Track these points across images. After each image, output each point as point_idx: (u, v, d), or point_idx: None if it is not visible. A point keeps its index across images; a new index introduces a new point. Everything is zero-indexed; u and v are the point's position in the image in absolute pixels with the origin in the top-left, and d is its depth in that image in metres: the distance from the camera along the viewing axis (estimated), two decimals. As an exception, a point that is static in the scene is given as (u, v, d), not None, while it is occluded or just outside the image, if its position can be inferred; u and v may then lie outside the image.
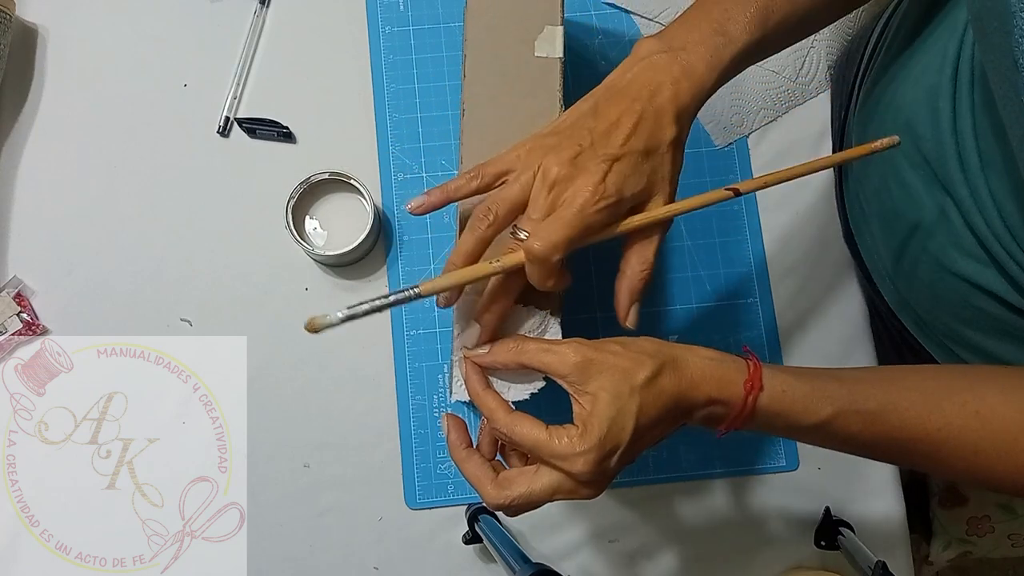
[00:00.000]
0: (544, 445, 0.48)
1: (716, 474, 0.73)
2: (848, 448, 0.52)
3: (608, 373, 0.47)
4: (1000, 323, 0.58)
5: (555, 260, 0.50)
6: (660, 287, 0.75)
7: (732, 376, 0.49)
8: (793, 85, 0.78)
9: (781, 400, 0.49)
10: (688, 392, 0.48)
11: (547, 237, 0.49)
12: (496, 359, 0.52)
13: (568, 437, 0.47)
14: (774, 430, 0.51)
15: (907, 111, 0.60)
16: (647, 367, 0.48)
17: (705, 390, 0.49)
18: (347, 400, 0.72)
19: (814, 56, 0.79)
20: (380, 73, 0.77)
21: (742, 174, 0.77)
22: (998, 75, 0.45)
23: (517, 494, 0.49)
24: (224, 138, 0.76)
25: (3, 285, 0.72)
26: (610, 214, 0.51)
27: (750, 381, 0.49)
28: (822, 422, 0.49)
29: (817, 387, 0.49)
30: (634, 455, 0.49)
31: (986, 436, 0.48)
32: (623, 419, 0.47)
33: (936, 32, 0.60)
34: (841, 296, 0.76)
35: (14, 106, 0.75)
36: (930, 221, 0.59)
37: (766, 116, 0.78)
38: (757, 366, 0.49)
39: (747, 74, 0.78)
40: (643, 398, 0.47)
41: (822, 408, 0.49)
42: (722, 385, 0.49)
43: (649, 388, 0.47)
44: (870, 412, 0.49)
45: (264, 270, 0.74)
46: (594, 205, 0.50)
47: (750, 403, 0.48)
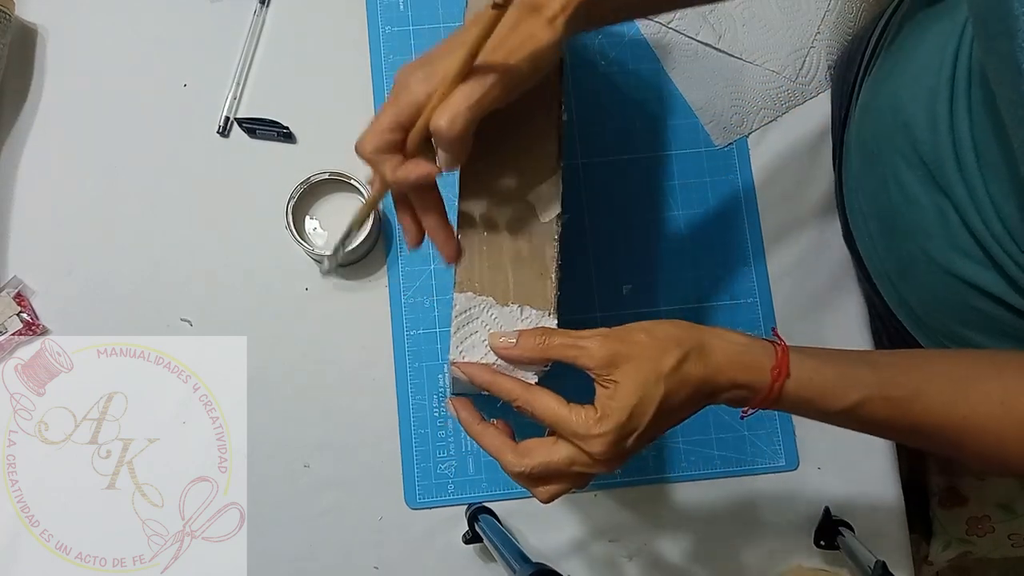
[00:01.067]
0: (564, 421, 0.48)
1: (716, 474, 0.73)
2: (873, 432, 0.52)
3: (635, 363, 0.48)
4: (999, 324, 0.58)
5: (462, 131, 0.47)
6: (660, 287, 0.75)
7: (760, 362, 0.49)
8: (793, 85, 0.78)
9: (808, 386, 0.49)
10: (714, 377, 0.49)
11: (448, 109, 0.47)
12: (524, 353, 0.52)
13: (587, 417, 0.48)
14: (800, 413, 0.51)
15: (905, 112, 0.60)
16: (673, 354, 0.48)
17: (731, 375, 0.49)
18: (347, 400, 0.72)
19: (814, 56, 0.79)
20: (380, 73, 0.77)
21: (742, 174, 0.77)
22: (1000, 78, 0.45)
23: (537, 462, 0.50)
24: (224, 138, 0.76)
25: (3, 285, 0.72)
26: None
27: (777, 367, 0.49)
28: (849, 408, 0.49)
29: (845, 373, 0.50)
30: (654, 436, 0.49)
31: (1011, 425, 0.48)
32: (645, 405, 0.48)
33: (934, 33, 0.60)
34: (840, 296, 0.76)
35: (14, 106, 0.75)
36: (928, 222, 0.59)
37: (766, 116, 0.78)
38: (785, 351, 0.49)
39: (747, 74, 0.78)
40: (668, 385, 0.48)
41: (849, 394, 0.49)
42: (749, 370, 0.49)
43: (675, 375, 0.48)
44: (897, 399, 0.49)
45: (264, 270, 0.74)
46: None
47: (776, 389, 0.49)
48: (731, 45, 0.78)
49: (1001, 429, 0.48)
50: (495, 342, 0.53)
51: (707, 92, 0.78)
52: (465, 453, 0.72)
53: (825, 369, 0.49)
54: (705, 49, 0.79)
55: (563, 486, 0.51)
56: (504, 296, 0.57)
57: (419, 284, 0.74)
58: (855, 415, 0.50)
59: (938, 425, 0.49)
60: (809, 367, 0.49)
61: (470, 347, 0.55)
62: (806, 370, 0.49)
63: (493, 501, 0.71)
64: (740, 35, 0.79)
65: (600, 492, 0.73)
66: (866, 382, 0.49)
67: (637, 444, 0.49)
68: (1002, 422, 0.48)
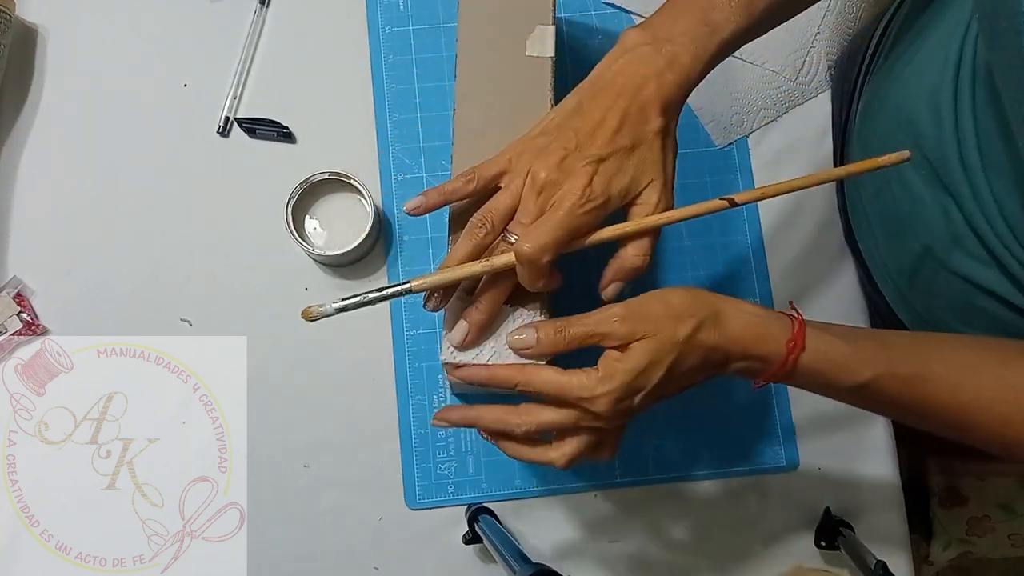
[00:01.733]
0: (566, 387, 0.50)
1: (716, 474, 0.73)
2: (880, 410, 0.53)
3: (651, 336, 0.49)
4: (1002, 323, 0.58)
5: (544, 261, 0.51)
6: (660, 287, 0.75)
7: (775, 333, 0.50)
8: (793, 85, 0.78)
9: (823, 360, 0.50)
10: (726, 346, 0.50)
11: (536, 239, 0.50)
12: (544, 350, 0.52)
13: (588, 378, 0.49)
14: (810, 387, 0.52)
15: (908, 111, 0.60)
16: (688, 323, 0.49)
17: (745, 345, 0.50)
18: (347, 400, 0.72)
19: (814, 56, 0.79)
20: (380, 73, 0.77)
21: (742, 174, 0.77)
22: (1005, 75, 0.45)
23: (542, 419, 0.51)
24: (224, 138, 0.76)
25: (3, 285, 0.72)
26: (597, 215, 0.51)
27: (793, 340, 0.49)
28: (860, 384, 0.50)
29: (859, 348, 0.50)
30: (660, 397, 0.50)
31: (1017, 410, 0.49)
32: (654, 367, 0.49)
33: (937, 32, 0.60)
34: (841, 295, 0.76)
35: (14, 106, 0.75)
36: (932, 221, 0.59)
37: (766, 116, 0.78)
38: (802, 325, 0.50)
39: (747, 74, 0.78)
40: (681, 350, 0.49)
41: (862, 371, 0.50)
42: (763, 341, 0.50)
43: (688, 342, 0.49)
44: (907, 376, 0.50)
45: (264, 270, 0.74)
46: (581, 207, 0.50)
47: (791, 362, 0.49)
48: (731, 45, 0.78)
49: (1007, 413, 0.49)
50: (513, 342, 0.53)
51: (707, 92, 0.78)
52: (465, 453, 0.72)
53: (839, 344, 0.50)
54: (705, 49, 0.79)
55: (576, 446, 0.52)
56: None
57: (419, 284, 0.74)
58: (865, 392, 0.50)
59: (945, 406, 0.50)
60: (824, 341, 0.50)
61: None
62: (821, 344, 0.50)
63: (493, 501, 0.71)
64: (740, 35, 0.79)
65: (600, 492, 0.73)
66: (878, 359, 0.50)
67: (643, 403, 0.50)
68: (1010, 407, 0.49)
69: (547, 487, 0.72)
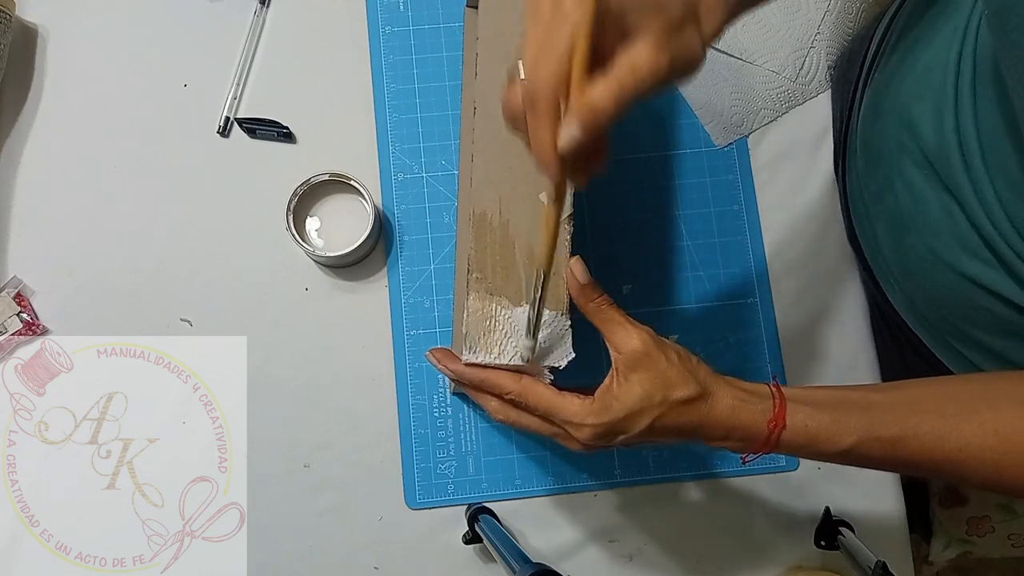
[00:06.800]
0: (557, 409, 0.52)
1: (716, 474, 0.73)
2: (871, 467, 0.54)
3: (653, 374, 0.51)
4: (1006, 323, 0.58)
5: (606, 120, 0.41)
6: (660, 287, 0.75)
7: (756, 417, 0.52)
8: (793, 85, 0.78)
9: (804, 434, 0.52)
10: (705, 426, 0.52)
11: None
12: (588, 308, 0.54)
13: (582, 406, 0.51)
14: (796, 455, 0.54)
15: (910, 111, 0.60)
16: (688, 389, 0.51)
17: (727, 427, 0.52)
18: (347, 400, 0.72)
19: (814, 56, 0.79)
20: (380, 73, 0.77)
21: (742, 174, 0.77)
22: (1015, 73, 0.45)
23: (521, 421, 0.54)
24: (224, 138, 0.76)
25: (3, 285, 0.72)
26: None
27: (774, 420, 0.51)
28: (844, 451, 0.51)
29: (838, 418, 0.51)
30: (634, 444, 0.53)
31: (1006, 453, 0.49)
32: (641, 416, 0.51)
33: (938, 32, 0.60)
34: (842, 295, 0.76)
35: (14, 106, 0.75)
36: (935, 221, 0.59)
37: (766, 116, 0.78)
38: (782, 403, 0.52)
39: (747, 74, 0.78)
40: (669, 411, 0.51)
41: (844, 439, 0.51)
42: (745, 425, 0.52)
43: (679, 407, 0.51)
44: (890, 439, 0.51)
45: (264, 270, 0.74)
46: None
47: (773, 440, 0.51)
48: (731, 45, 0.78)
49: (997, 459, 0.49)
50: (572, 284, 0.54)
51: (707, 92, 0.78)
52: (465, 453, 0.72)
53: (820, 415, 0.52)
54: (705, 49, 0.79)
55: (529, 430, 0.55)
56: (517, 297, 0.57)
57: (419, 284, 0.74)
58: (851, 456, 0.52)
59: (935, 460, 0.51)
60: (805, 415, 0.52)
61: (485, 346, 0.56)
62: (801, 419, 0.52)
63: (493, 501, 0.71)
64: (740, 35, 0.79)
65: (600, 492, 0.73)
66: (859, 425, 0.51)
67: (619, 445, 0.52)
68: (998, 452, 0.49)
69: (547, 487, 0.72)
